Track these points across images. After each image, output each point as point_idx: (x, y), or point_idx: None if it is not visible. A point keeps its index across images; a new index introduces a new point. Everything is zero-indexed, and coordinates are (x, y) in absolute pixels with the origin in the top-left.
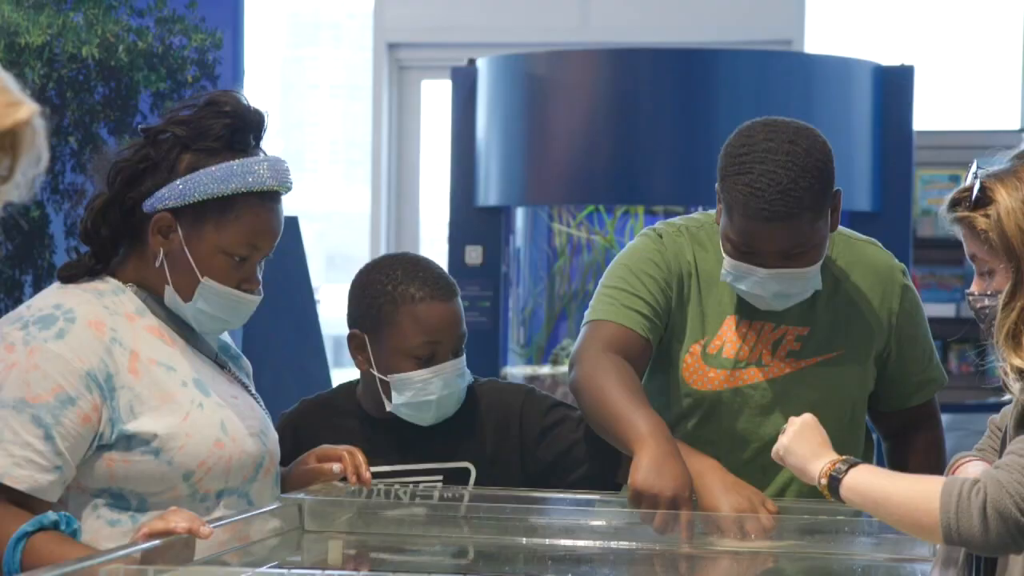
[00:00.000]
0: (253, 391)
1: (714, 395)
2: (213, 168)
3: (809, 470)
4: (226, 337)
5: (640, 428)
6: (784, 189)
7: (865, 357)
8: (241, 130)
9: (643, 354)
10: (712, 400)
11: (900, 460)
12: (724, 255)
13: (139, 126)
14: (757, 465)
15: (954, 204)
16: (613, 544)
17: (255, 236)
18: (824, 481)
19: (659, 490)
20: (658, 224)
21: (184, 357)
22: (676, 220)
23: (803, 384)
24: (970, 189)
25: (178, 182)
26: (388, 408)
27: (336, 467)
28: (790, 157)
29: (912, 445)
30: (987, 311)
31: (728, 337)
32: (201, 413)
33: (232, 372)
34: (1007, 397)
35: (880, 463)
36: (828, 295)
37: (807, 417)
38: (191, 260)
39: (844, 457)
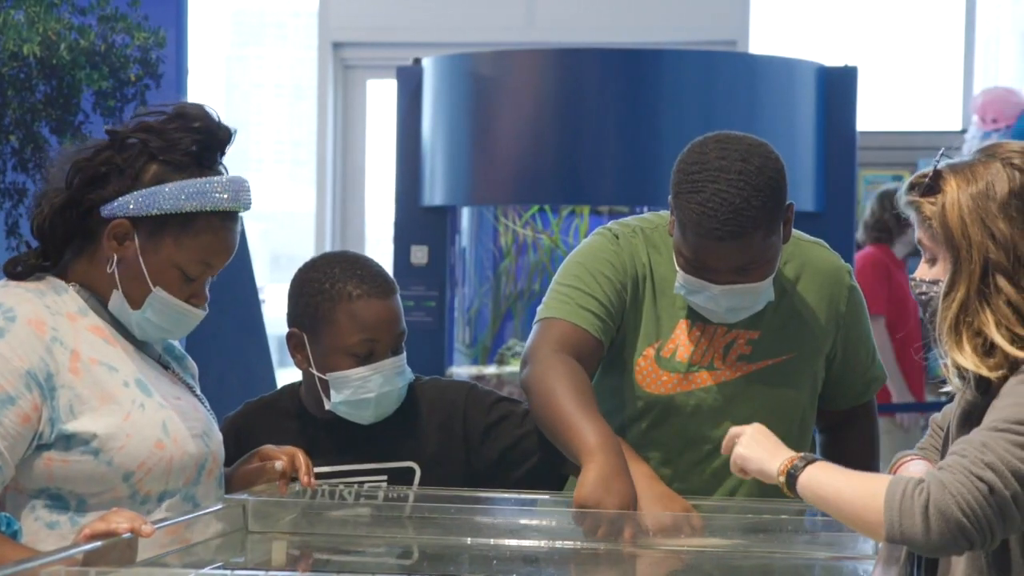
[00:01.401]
0: (198, 392)
1: (667, 398)
2: (179, 183)
3: (768, 469)
4: None
5: (589, 440)
6: (737, 209)
7: (815, 360)
8: (209, 148)
9: (594, 354)
10: (665, 403)
11: (836, 453)
12: (677, 268)
13: (106, 127)
14: (708, 467)
15: (911, 187)
16: (558, 544)
17: (211, 255)
18: (783, 478)
19: (605, 506)
20: (613, 224)
21: (127, 357)
22: (631, 220)
23: (754, 388)
24: (927, 175)
25: (142, 192)
26: (327, 407)
27: (278, 464)
28: (743, 176)
29: (848, 439)
30: (925, 296)
31: (681, 341)
32: (142, 414)
33: (176, 373)
34: (947, 388)
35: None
36: (778, 299)
37: (756, 425)
38: (144, 269)
39: (802, 454)
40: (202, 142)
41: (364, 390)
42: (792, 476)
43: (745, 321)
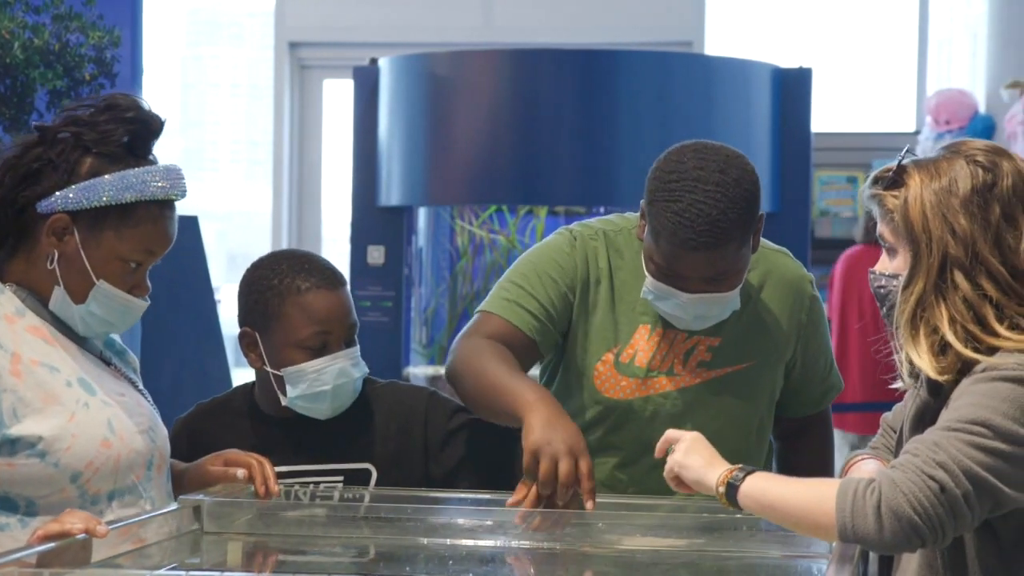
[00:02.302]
0: (140, 387)
1: (625, 403)
2: (118, 175)
3: (706, 480)
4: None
5: (526, 395)
6: (713, 220)
7: (775, 368)
8: (143, 137)
9: (526, 354)
10: (623, 408)
11: (792, 461)
12: (647, 273)
13: (33, 124)
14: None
15: (875, 180)
16: (514, 543)
17: (152, 243)
18: (722, 489)
19: (555, 445)
20: (576, 225)
21: (68, 356)
22: (594, 222)
23: (713, 395)
24: (891, 169)
25: (80, 185)
26: (284, 403)
27: (240, 472)
28: (720, 188)
29: (805, 446)
30: (883, 290)
31: (641, 346)
32: (87, 413)
33: (118, 368)
34: (898, 384)
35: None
36: (741, 307)
37: (694, 433)
38: (87, 263)
39: (740, 465)
40: (135, 132)
41: (319, 383)
42: (732, 487)
43: (707, 327)
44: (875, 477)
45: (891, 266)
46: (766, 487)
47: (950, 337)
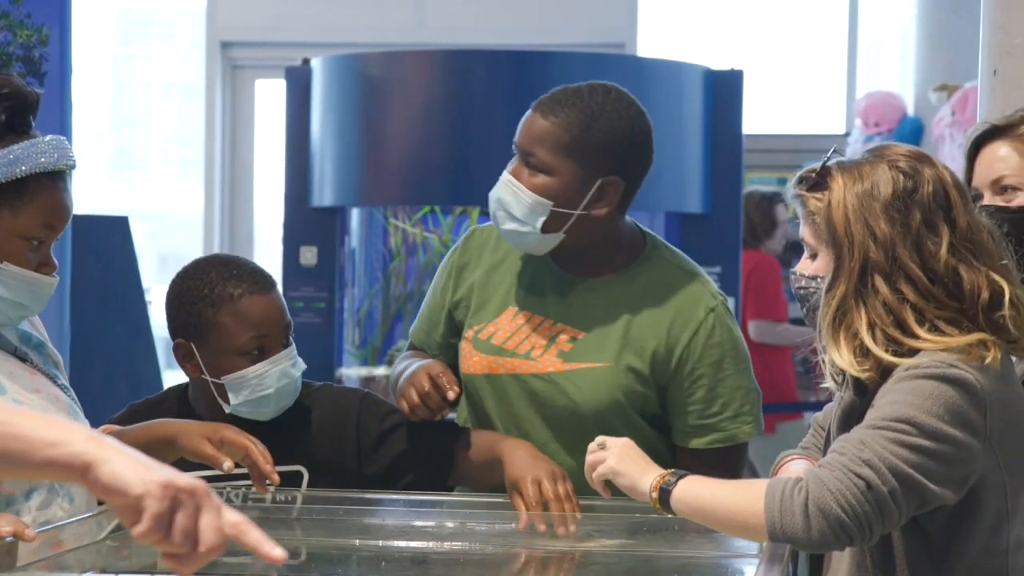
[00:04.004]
0: (61, 381)
1: (475, 379)
2: (3, 151)
3: (640, 485)
4: (26, 326)
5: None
6: (566, 91)
7: (633, 377)
8: (21, 112)
9: (446, 357)
10: (473, 383)
11: None
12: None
13: None
14: None
15: (800, 180)
16: (447, 545)
17: (51, 216)
18: (655, 494)
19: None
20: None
21: None
22: None
23: (563, 386)
24: (815, 170)
25: None
26: (227, 410)
27: (227, 465)
28: (600, 94)
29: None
30: (803, 291)
31: (503, 326)
32: None
33: (34, 364)
34: (826, 383)
35: None
36: (615, 307)
37: (625, 439)
38: None
39: (673, 470)
40: (13, 108)
41: (262, 387)
42: (665, 491)
43: (574, 318)
44: (803, 476)
45: (812, 268)
46: (697, 491)
47: (868, 342)
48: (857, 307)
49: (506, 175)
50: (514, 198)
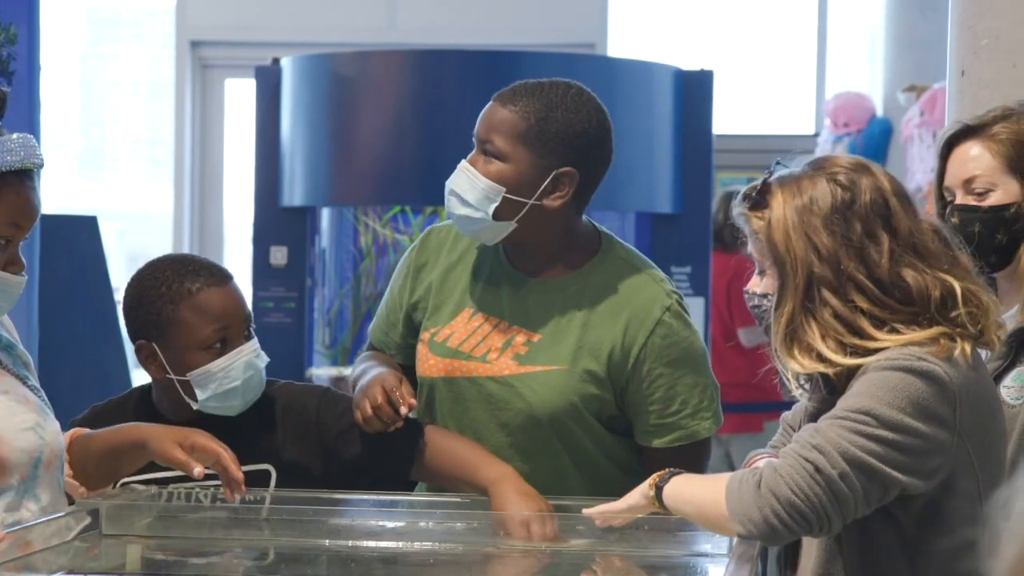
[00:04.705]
0: (31, 382)
1: (431, 382)
2: None
3: (638, 490)
4: None
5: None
6: (526, 84)
7: (585, 379)
8: None
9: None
10: (430, 386)
11: None
12: None
13: None
14: None
15: (744, 197)
16: (417, 545)
17: (19, 215)
18: (652, 492)
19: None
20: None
21: None
22: None
23: (518, 390)
24: (757, 187)
25: None
26: (195, 407)
27: (198, 471)
28: (566, 87)
29: None
30: (758, 309)
31: (459, 328)
32: None
33: (4, 365)
34: (794, 394)
35: None
36: (570, 307)
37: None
38: None
39: (670, 469)
40: None
41: (228, 380)
42: (660, 488)
43: (530, 320)
44: (759, 466)
45: (762, 286)
46: (681, 487)
47: (827, 352)
48: (807, 323)
49: (463, 163)
50: (469, 184)
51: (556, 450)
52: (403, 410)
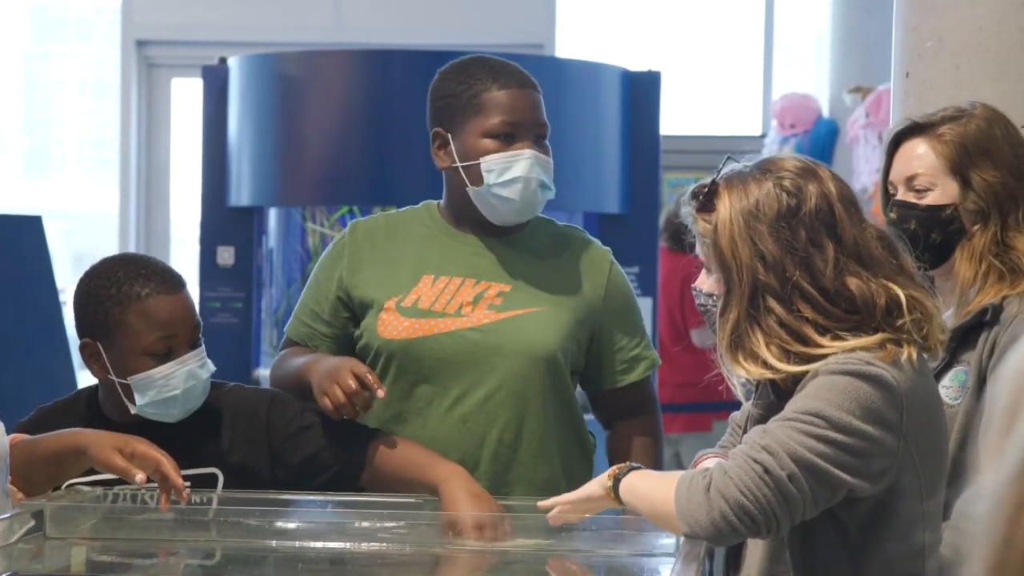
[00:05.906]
0: None
1: (405, 343)
2: None
3: (597, 481)
4: None
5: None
6: (513, 65)
7: (568, 318)
8: None
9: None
10: (403, 348)
11: (619, 446)
12: (483, 162)
13: None
14: (458, 415)
15: (692, 196)
16: (364, 546)
17: None
18: (609, 483)
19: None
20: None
21: None
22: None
23: (502, 333)
24: (706, 186)
25: None
26: (133, 411)
27: (139, 478)
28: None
29: (630, 430)
30: (704, 308)
31: (424, 292)
32: None
33: None
34: (740, 397)
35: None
36: (531, 259)
37: None
38: None
39: (628, 463)
40: None
41: (169, 388)
42: (618, 481)
43: (499, 275)
44: (709, 467)
45: (708, 284)
46: (636, 482)
47: (771, 360)
48: (752, 330)
49: (532, 152)
50: (546, 170)
51: (546, 397)
52: (380, 393)
